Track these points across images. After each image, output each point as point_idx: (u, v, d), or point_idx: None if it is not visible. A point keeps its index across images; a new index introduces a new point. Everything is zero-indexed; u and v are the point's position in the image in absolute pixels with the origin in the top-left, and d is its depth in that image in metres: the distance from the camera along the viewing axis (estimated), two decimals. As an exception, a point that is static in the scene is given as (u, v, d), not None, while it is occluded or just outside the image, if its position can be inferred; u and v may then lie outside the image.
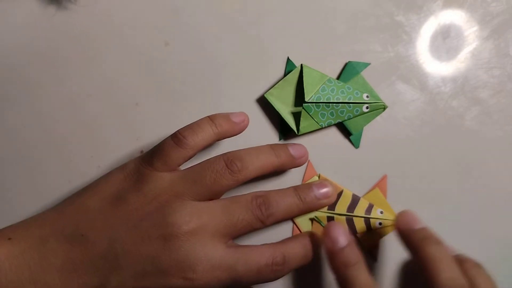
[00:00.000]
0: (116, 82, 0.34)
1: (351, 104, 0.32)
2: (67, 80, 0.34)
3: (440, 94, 0.33)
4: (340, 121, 0.32)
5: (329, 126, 0.32)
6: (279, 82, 0.33)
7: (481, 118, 0.33)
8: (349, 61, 0.33)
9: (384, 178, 0.33)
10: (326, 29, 0.33)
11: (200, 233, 0.26)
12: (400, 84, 0.33)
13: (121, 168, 0.29)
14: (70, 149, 0.34)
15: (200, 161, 0.29)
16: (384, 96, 0.33)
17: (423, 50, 0.33)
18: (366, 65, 0.33)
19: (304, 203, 0.30)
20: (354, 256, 0.28)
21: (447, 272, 0.26)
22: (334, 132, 0.34)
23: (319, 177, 0.33)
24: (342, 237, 0.28)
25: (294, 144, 0.32)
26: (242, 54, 0.34)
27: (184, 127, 0.29)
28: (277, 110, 0.33)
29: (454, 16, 0.33)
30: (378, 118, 0.33)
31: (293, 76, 0.33)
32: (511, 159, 0.33)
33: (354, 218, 0.33)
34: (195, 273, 0.25)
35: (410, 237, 0.29)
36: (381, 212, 0.33)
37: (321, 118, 0.32)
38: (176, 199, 0.27)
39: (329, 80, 0.32)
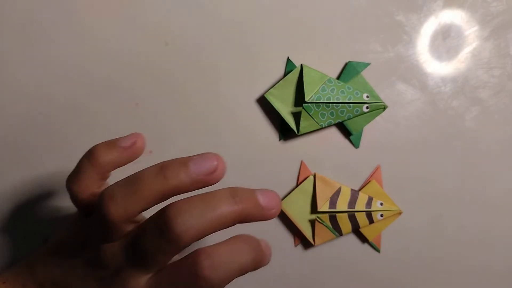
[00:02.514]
0: (116, 82, 0.34)
1: (351, 104, 0.32)
2: (67, 79, 0.34)
3: (440, 94, 0.33)
4: (340, 121, 0.32)
5: (329, 126, 0.32)
6: (279, 82, 0.33)
7: (481, 118, 0.33)
8: (349, 61, 0.33)
9: (377, 168, 0.34)
10: (326, 29, 0.33)
11: None
12: (400, 84, 0.33)
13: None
14: (70, 149, 0.34)
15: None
16: (384, 96, 0.33)
17: (423, 50, 0.33)
18: (366, 65, 0.33)
19: (240, 208, 0.21)
20: None
21: None
22: (334, 132, 0.34)
23: (314, 176, 0.33)
24: None
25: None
26: (242, 54, 0.34)
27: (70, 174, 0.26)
28: (277, 110, 0.33)
29: (455, 16, 0.33)
30: (378, 118, 0.33)
31: (293, 76, 0.33)
32: (511, 159, 0.33)
33: (356, 214, 0.33)
34: None
35: None
36: (381, 204, 0.33)
37: (321, 118, 0.32)
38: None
39: (329, 80, 0.32)
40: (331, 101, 0.31)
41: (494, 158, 0.33)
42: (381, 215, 0.33)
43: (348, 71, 0.33)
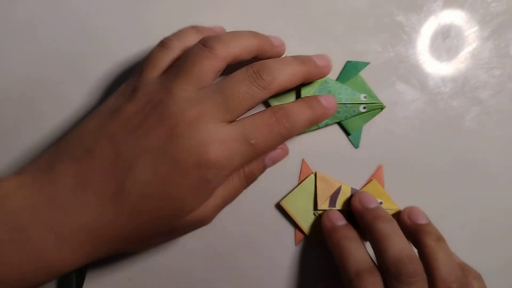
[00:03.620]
0: (116, 82, 0.34)
1: (348, 105, 0.32)
2: (67, 79, 0.35)
3: (440, 94, 0.33)
4: (337, 121, 0.32)
5: (326, 126, 0.33)
6: (279, 82, 0.33)
7: (481, 118, 0.33)
8: (348, 61, 0.33)
9: (379, 168, 0.34)
10: (326, 29, 0.34)
11: (200, 118, 0.26)
12: (400, 84, 0.33)
13: (114, 92, 0.30)
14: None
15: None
16: (384, 96, 0.33)
17: (423, 50, 0.33)
18: (365, 64, 0.33)
19: (306, 67, 0.30)
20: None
21: (396, 245, 0.28)
22: (334, 132, 0.34)
23: (315, 175, 0.33)
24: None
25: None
26: (242, 55, 0.34)
27: (170, 35, 0.30)
28: (277, 110, 0.33)
29: (454, 16, 0.33)
30: (378, 118, 0.33)
31: (293, 76, 0.33)
32: (511, 159, 0.33)
33: None
34: (208, 153, 0.26)
35: (364, 215, 0.31)
36: (381, 203, 0.33)
37: (319, 119, 0.32)
38: (167, 95, 0.27)
39: (326, 81, 0.32)
40: (330, 101, 0.32)
41: (494, 158, 0.33)
42: None
43: (347, 71, 0.33)
